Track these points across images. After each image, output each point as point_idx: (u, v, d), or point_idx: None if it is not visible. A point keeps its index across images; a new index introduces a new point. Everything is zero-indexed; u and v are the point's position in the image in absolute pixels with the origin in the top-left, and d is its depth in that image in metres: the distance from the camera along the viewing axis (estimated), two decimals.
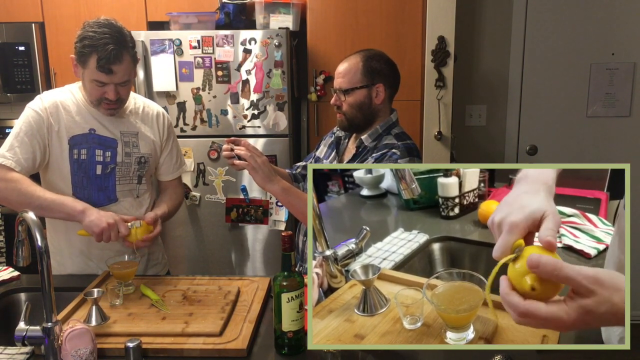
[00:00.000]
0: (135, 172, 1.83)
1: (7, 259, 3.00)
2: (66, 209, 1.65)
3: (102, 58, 1.61)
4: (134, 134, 1.82)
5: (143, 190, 1.87)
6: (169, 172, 1.95)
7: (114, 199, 1.80)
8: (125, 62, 1.66)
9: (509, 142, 3.39)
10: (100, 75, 1.64)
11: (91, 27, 1.63)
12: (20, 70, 3.14)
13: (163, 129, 1.90)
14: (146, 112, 1.87)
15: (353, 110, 1.75)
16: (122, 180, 1.81)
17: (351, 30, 2.95)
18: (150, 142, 1.86)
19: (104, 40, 1.61)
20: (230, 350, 1.30)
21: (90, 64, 1.63)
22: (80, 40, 1.63)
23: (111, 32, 1.63)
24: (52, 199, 1.65)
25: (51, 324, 1.20)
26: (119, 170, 1.80)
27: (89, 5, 3.09)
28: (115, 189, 1.80)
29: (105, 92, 1.68)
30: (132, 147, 1.82)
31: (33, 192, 1.64)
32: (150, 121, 1.87)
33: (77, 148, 1.74)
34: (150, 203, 1.91)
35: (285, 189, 1.64)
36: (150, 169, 1.90)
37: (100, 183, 1.78)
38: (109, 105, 1.72)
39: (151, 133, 1.86)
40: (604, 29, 3.21)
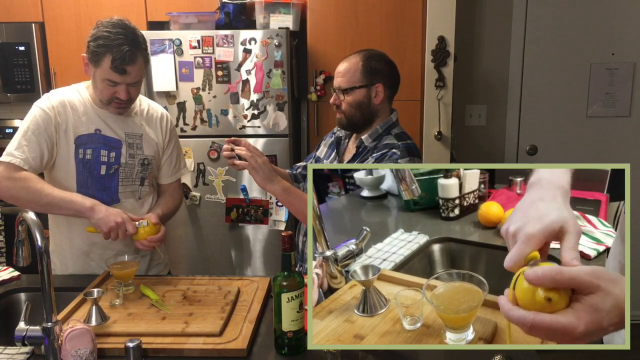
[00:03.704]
0: (138, 173, 1.83)
1: (7, 259, 3.00)
2: (75, 205, 1.66)
3: (116, 59, 1.61)
4: (138, 135, 1.82)
5: (145, 192, 1.88)
6: (168, 175, 1.95)
7: (116, 200, 1.80)
8: (138, 63, 1.67)
9: (509, 142, 3.39)
10: (113, 75, 1.64)
11: (105, 27, 1.63)
12: (20, 70, 3.14)
13: (165, 131, 1.90)
14: (151, 114, 1.88)
15: (352, 110, 1.75)
16: (124, 182, 1.81)
17: (351, 30, 2.95)
18: (153, 144, 1.86)
19: (119, 40, 1.61)
20: (230, 350, 1.30)
21: (103, 64, 1.63)
22: (95, 40, 1.63)
23: (126, 32, 1.64)
24: (60, 196, 1.66)
25: (51, 324, 1.20)
26: (122, 171, 1.80)
27: (89, 5, 3.08)
28: (117, 190, 1.80)
29: (116, 91, 1.68)
30: (136, 148, 1.82)
31: (41, 190, 1.64)
32: (154, 123, 1.87)
33: (83, 148, 1.75)
34: (151, 205, 1.91)
35: (285, 189, 1.64)
36: (153, 171, 1.90)
37: (103, 183, 1.78)
38: (119, 104, 1.73)
39: (154, 135, 1.86)
40: (604, 29, 3.21)
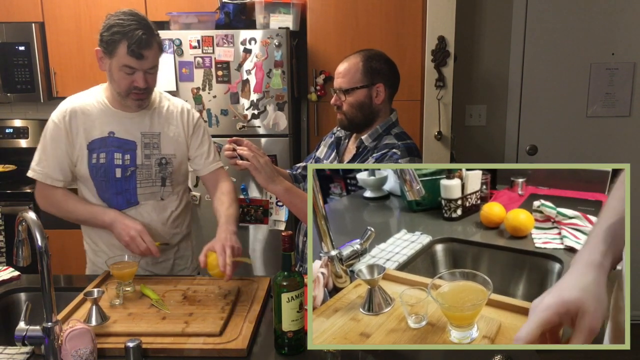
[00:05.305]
0: (157, 174, 1.80)
1: (7, 259, 3.00)
2: (97, 221, 1.74)
3: (132, 43, 1.61)
4: (156, 134, 1.79)
5: (168, 193, 1.84)
6: (206, 165, 1.88)
7: (134, 202, 1.79)
8: (154, 48, 1.66)
9: (509, 142, 3.39)
10: (130, 60, 1.63)
11: (117, 16, 1.64)
12: (20, 70, 3.14)
13: (188, 124, 1.85)
14: (171, 110, 1.83)
15: (353, 110, 1.75)
16: (143, 183, 1.79)
17: (351, 30, 2.95)
18: (174, 141, 1.82)
19: (133, 26, 1.61)
20: (230, 350, 1.30)
21: (119, 51, 1.62)
22: (108, 29, 1.63)
23: (138, 19, 1.64)
24: (84, 213, 1.76)
25: (51, 324, 1.20)
26: (140, 172, 1.78)
27: (89, 5, 3.08)
28: (136, 192, 1.78)
29: (134, 80, 1.67)
30: (153, 148, 1.79)
31: (68, 207, 1.76)
32: (174, 119, 1.83)
33: (96, 152, 1.74)
34: (177, 207, 1.88)
35: (287, 189, 1.64)
36: (176, 170, 1.84)
37: (120, 186, 1.76)
38: (138, 94, 1.70)
39: (175, 131, 1.82)
40: (604, 29, 3.21)
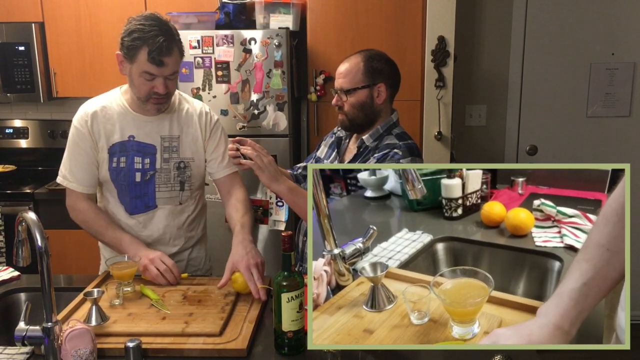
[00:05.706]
0: (175, 178, 1.79)
1: (7, 259, 3.00)
2: (121, 250, 1.72)
3: (153, 50, 1.59)
4: (175, 137, 1.78)
5: (186, 197, 1.83)
6: (221, 168, 1.84)
7: (153, 206, 1.78)
8: (174, 55, 1.65)
9: (509, 142, 3.39)
10: (151, 67, 1.61)
11: (138, 21, 1.62)
12: (20, 70, 3.14)
13: (205, 127, 1.83)
14: (190, 113, 1.82)
15: (355, 111, 1.75)
16: (162, 187, 1.78)
17: (351, 30, 2.95)
18: (192, 144, 1.80)
19: (154, 32, 1.59)
20: (230, 350, 1.30)
21: (140, 57, 1.61)
22: (129, 34, 1.61)
23: (159, 24, 1.62)
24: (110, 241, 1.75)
25: (51, 324, 1.20)
26: (159, 176, 1.77)
27: (89, 5, 3.08)
28: (154, 196, 1.78)
29: (154, 86, 1.65)
30: (172, 152, 1.78)
31: (96, 229, 1.76)
32: (193, 122, 1.81)
33: (117, 156, 1.74)
34: (194, 211, 1.88)
35: (291, 188, 1.65)
36: (195, 174, 1.83)
37: (139, 190, 1.76)
38: (158, 99, 1.69)
39: (193, 134, 1.81)
40: (604, 29, 3.21)
